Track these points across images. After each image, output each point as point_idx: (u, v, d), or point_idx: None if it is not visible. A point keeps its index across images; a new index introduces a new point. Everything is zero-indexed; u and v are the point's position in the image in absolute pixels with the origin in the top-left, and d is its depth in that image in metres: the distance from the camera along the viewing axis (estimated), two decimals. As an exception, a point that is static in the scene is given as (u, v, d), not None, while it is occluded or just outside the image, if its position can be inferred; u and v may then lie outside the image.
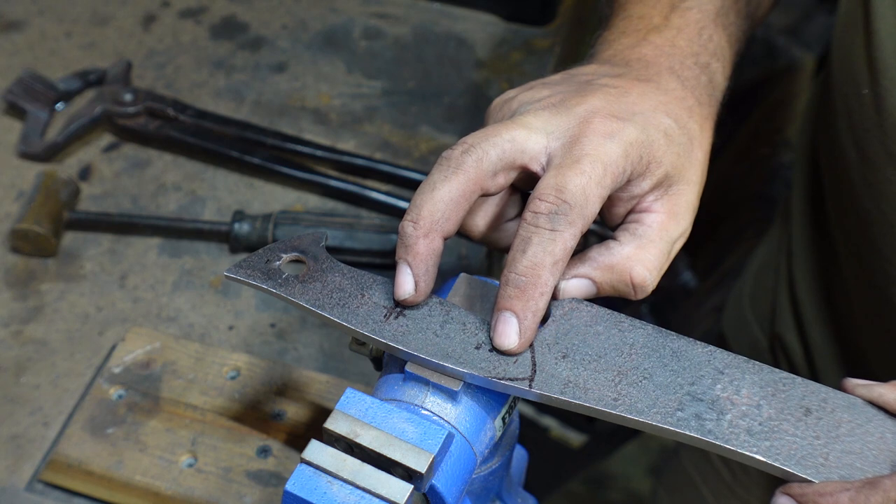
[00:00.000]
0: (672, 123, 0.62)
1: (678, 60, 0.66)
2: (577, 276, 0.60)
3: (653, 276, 0.60)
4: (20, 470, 0.80)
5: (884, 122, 0.72)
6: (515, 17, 1.20)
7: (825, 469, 0.51)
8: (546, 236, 0.55)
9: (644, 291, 0.61)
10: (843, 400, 0.54)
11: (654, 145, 0.60)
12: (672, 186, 0.61)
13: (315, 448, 0.54)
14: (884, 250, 0.76)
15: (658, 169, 0.60)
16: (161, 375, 0.83)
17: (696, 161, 0.63)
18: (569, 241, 0.56)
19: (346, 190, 1.00)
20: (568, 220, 0.55)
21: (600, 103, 0.60)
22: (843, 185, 0.81)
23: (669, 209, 0.61)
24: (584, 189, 0.56)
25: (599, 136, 0.58)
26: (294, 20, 1.20)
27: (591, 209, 0.56)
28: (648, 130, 0.60)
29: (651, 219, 0.61)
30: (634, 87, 0.63)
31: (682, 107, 0.63)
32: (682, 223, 0.62)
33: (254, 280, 0.61)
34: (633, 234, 0.61)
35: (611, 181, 0.57)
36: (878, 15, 0.71)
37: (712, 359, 0.56)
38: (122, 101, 1.04)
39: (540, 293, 0.55)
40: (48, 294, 0.92)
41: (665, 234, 0.61)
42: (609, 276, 0.60)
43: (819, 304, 0.93)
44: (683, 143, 0.62)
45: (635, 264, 0.60)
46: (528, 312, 0.55)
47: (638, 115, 0.60)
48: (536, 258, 0.55)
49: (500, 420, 0.59)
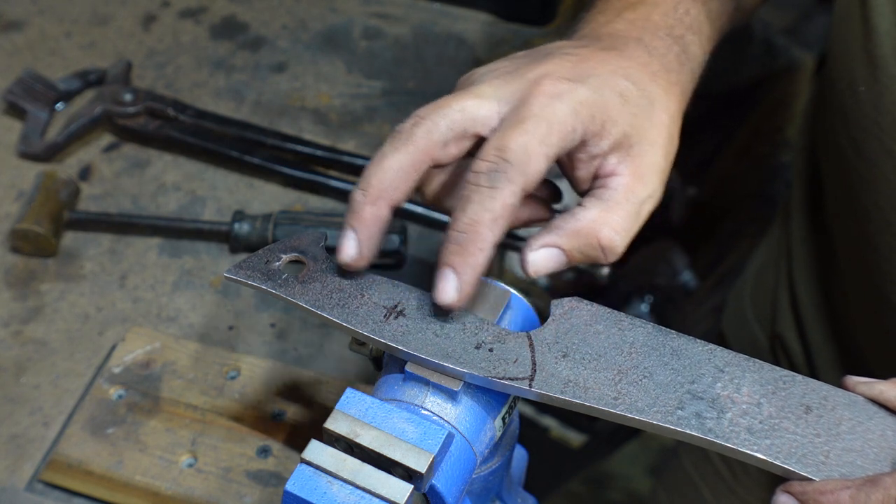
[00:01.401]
0: (629, 85, 0.62)
1: (650, 32, 0.67)
2: (545, 245, 0.60)
3: (621, 237, 0.60)
4: (20, 470, 0.80)
5: (882, 119, 0.71)
6: (515, 17, 1.20)
7: (826, 467, 0.51)
8: (485, 194, 0.56)
9: (614, 254, 0.61)
10: (843, 398, 0.54)
11: (608, 105, 0.60)
12: (633, 147, 0.61)
13: (315, 448, 0.54)
14: (882, 249, 0.76)
15: (614, 128, 0.60)
16: (161, 375, 0.83)
17: (660, 123, 0.63)
18: (508, 198, 0.56)
19: (346, 190, 1.00)
20: (507, 178, 0.56)
21: (553, 68, 0.61)
22: (841, 183, 0.81)
23: (634, 171, 0.61)
24: (526, 147, 0.57)
25: (546, 97, 0.59)
26: (294, 20, 1.20)
27: (534, 167, 0.57)
28: (601, 91, 0.60)
29: (616, 181, 0.61)
30: (595, 55, 0.63)
31: (645, 71, 0.64)
32: (648, 185, 0.62)
33: (253, 280, 0.61)
34: (598, 198, 0.61)
35: (557, 139, 0.58)
36: (877, 11, 0.71)
37: (712, 357, 0.56)
38: (122, 101, 1.04)
39: (479, 248, 0.56)
40: (48, 294, 0.92)
41: (631, 195, 0.61)
42: (577, 241, 0.60)
43: (819, 303, 0.93)
44: (643, 105, 0.62)
45: (602, 227, 0.60)
46: (467, 268, 0.56)
47: (592, 77, 0.61)
48: (476, 215, 0.56)
49: (500, 420, 0.59)
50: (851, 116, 0.75)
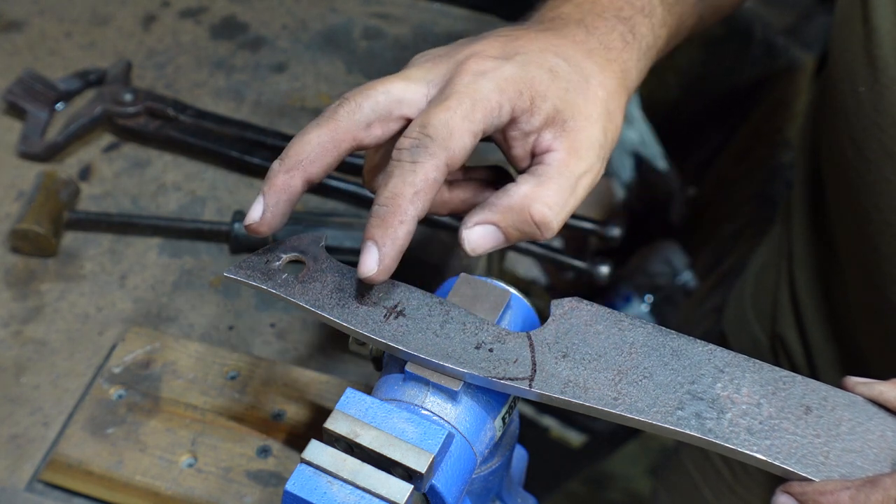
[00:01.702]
0: (559, 62, 0.62)
1: (595, 14, 0.67)
2: (479, 222, 0.61)
3: (554, 212, 0.60)
4: (20, 470, 0.80)
5: (882, 120, 0.71)
6: (515, 17, 1.20)
7: (825, 467, 0.51)
8: (406, 168, 0.57)
9: (548, 229, 0.61)
10: (843, 398, 0.54)
11: (536, 80, 0.60)
12: (567, 122, 0.61)
13: (315, 448, 0.54)
14: (882, 249, 0.76)
15: (544, 103, 0.60)
16: (161, 375, 0.83)
17: (595, 97, 0.63)
18: (430, 173, 0.57)
19: (346, 190, 1.00)
20: (429, 152, 0.57)
21: (482, 47, 0.62)
22: (842, 184, 0.81)
23: (569, 146, 0.61)
24: (448, 122, 0.57)
25: (470, 75, 0.59)
26: (294, 20, 1.20)
27: (457, 143, 0.57)
28: (528, 67, 0.61)
29: (551, 157, 0.61)
30: (528, 34, 0.64)
31: (579, 49, 0.64)
32: (585, 159, 0.62)
33: (253, 280, 0.61)
34: (532, 174, 0.61)
35: (482, 115, 0.58)
36: (877, 12, 0.71)
37: (712, 357, 0.56)
38: (122, 101, 1.04)
39: (399, 221, 0.57)
40: (48, 294, 0.92)
41: (565, 170, 0.61)
42: (510, 217, 0.60)
43: (819, 304, 0.93)
44: (575, 80, 0.62)
45: (533, 202, 0.60)
46: (388, 240, 0.57)
47: (520, 55, 0.61)
48: (396, 188, 0.57)
49: (500, 420, 0.59)
50: (852, 117, 0.75)
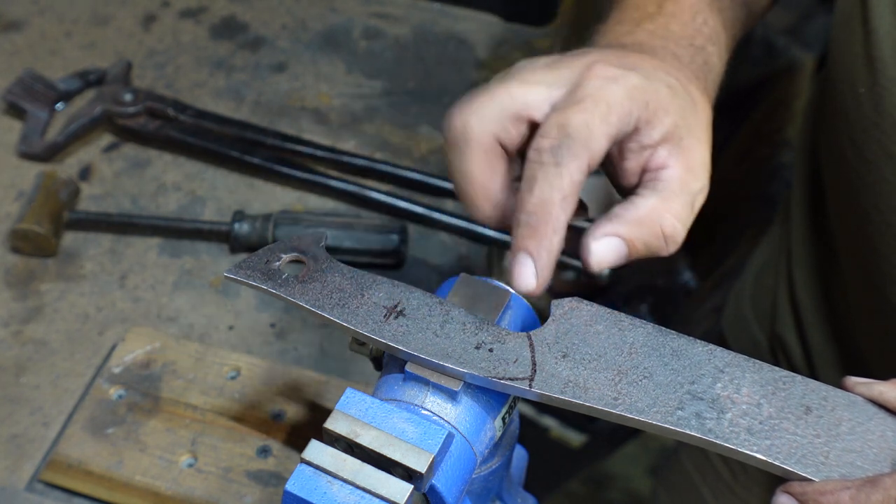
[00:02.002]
0: (673, 80, 0.60)
1: (672, 42, 0.66)
2: (608, 234, 0.58)
3: (682, 226, 0.59)
4: (20, 470, 0.80)
5: (882, 121, 0.71)
6: (515, 17, 1.20)
7: (826, 468, 0.51)
8: (551, 171, 0.54)
9: (675, 244, 0.59)
10: (843, 398, 0.54)
11: (660, 93, 0.58)
12: (683, 140, 0.59)
13: (315, 448, 0.54)
14: (882, 250, 0.76)
15: (666, 117, 0.59)
16: (161, 375, 0.83)
17: (702, 120, 0.61)
18: (575, 175, 0.54)
19: (346, 190, 1.00)
20: (572, 153, 0.54)
21: (599, 56, 0.60)
22: (841, 184, 0.81)
23: (685, 163, 0.59)
24: (588, 123, 0.55)
25: (601, 80, 0.57)
26: (294, 20, 1.20)
27: (597, 144, 0.55)
28: (651, 80, 0.59)
29: (669, 173, 0.59)
30: (630, 54, 0.62)
31: (681, 74, 0.62)
32: (700, 178, 0.60)
33: (253, 280, 0.61)
34: (654, 189, 0.59)
35: (616, 119, 0.56)
36: (877, 13, 0.71)
37: (712, 357, 0.56)
38: (122, 101, 1.04)
39: (552, 230, 0.54)
40: (48, 294, 0.92)
41: (686, 186, 0.59)
42: (639, 230, 0.58)
43: (819, 304, 0.93)
44: (687, 100, 0.61)
45: (664, 214, 0.58)
46: (543, 251, 0.54)
47: (638, 67, 0.59)
48: (544, 195, 0.54)
49: (500, 420, 0.59)
50: (852, 118, 0.75)
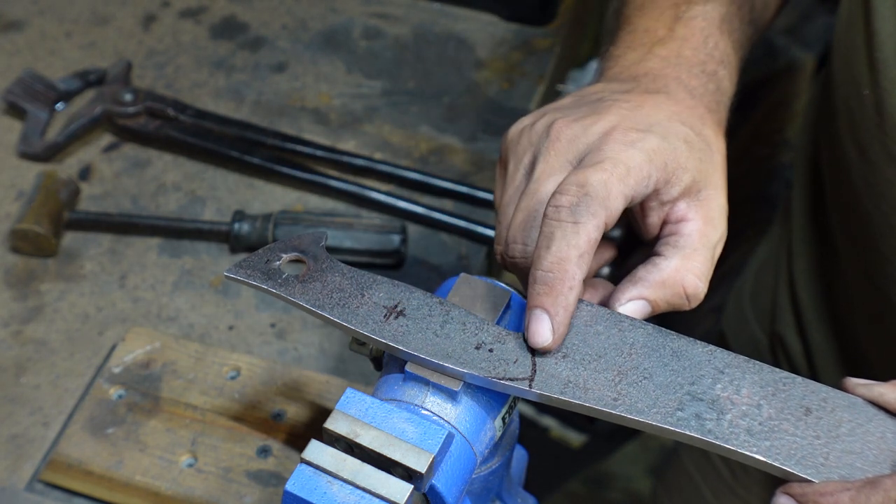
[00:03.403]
0: (689, 131, 0.62)
1: (685, 70, 0.66)
2: (632, 298, 0.60)
3: (703, 283, 0.60)
4: (20, 470, 0.80)
5: (884, 122, 0.71)
6: (515, 17, 1.20)
7: (825, 469, 0.51)
8: (569, 229, 0.55)
9: (697, 300, 0.60)
10: (843, 399, 0.54)
11: (677, 152, 0.60)
12: (701, 192, 0.61)
13: (315, 448, 0.54)
14: (884, 250, 0.76)
15: (684, 175, 0.60)
16: (161, 375, 0.83)
17: (718, 165, 0.63)
18: (592, 233, 0.55)
19: (346, 190, 1.00)
20: (590, 211, 0.55)
21: (616, 119, 0.61)
22: (843, 185, 0.81)
23: (704, 215, 0.61)
24: (606, 183, 0.56)
25: (620, 144, 0.58)
26: (294, 20, 1.20)
27: (614, 203, 0.56)
28: (669, 138, 0.60)
29: (689, 227, 0.61)
30: (646, 100, 0.63)
31: (695, 115, 0.63)
32: (718, 227, 0.62)
33: (254, 280, 0.61)
34: (674, 246, 0.61)
35: (634, 182, 0.57)
36: (879, 15, 0.71)
37: (712, 358, 0.56)
38: (122, 101, 1.04)
39: (569, 287, 0.55)
40: (48, 294, 0.92)
41: (706, 240, 0.61)
42: (662, 292, 0.60)
43: (819, 304, 0.93)
44: (703, 149, 0.62)
45: (685, 275, 0.60)
46: (560, 308, 0.55)
47: (655, 125, 0.60)
48: (561, 252, 0.55)
49: (500, 420, 0.59)
50: (854, 119, 0.75)
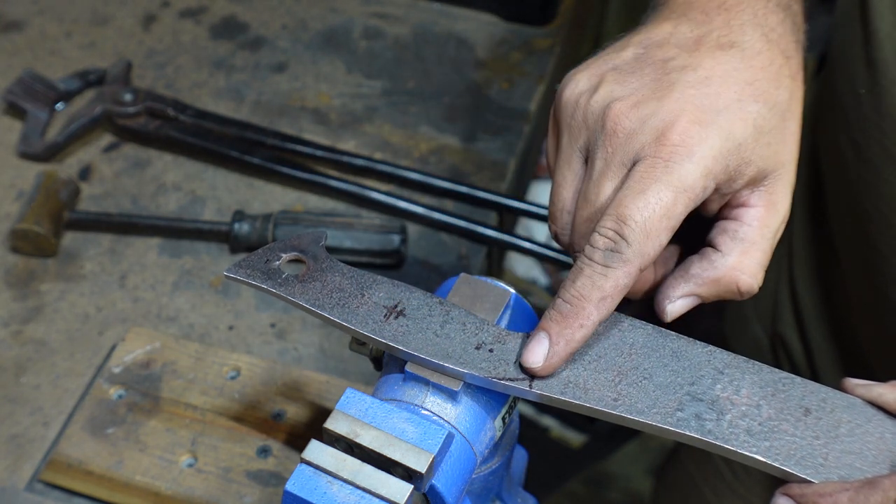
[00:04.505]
0: (760, 109, 0.58)
1: (762, 4, 0.61)
2: (684, 295, 0.59)
3: (757, 279, 0.58)
4: (20, 470, 0.80)
5: (883, 122, 0.71)
6: (515, 17, 1.20)
7: (825, 469, 0.51)
8: (598, 271, 0.54)
9: (751, 294, 0.59)
10: (842, 400, 0.54)
11: (742, 148, 0.57)
12: (768, 177, 0.58)
13: (315, 448, 0.54)
14: (883, 250, 0.76)
15: (748, 169, 0.57)
16: (161, 375, 0.83)
17: (791, 136, 0.59)
18: (621, 280, 0.54)
19: (346, 190, 1.00)
20: (623, 259, 0.54)
21: (678, 105, 0.56)
22: (841, 184, 0.81)
23: (767, 200, 0.58)
24: (646, 224, 0.54)
25: (674, 156, 0.55)
26: (294, 20, 1.20)
27: (654, 245, 0.54)
28: (734, 131, 0.56)
29: (750, 215, 0.58)
30: (716, 63, 0.58)
31: (770, 76, 0.59)
32: (781, 209, 0.59)
33: (253, 280, 0.61)
34: (733, 238, 0.59)
35: (683, 207, 0.55)
36: (877, 14, 0.71)
37: (712, 359, 0.56)
38: (122, 101, 1.04)
39: (579, 325, 0.54)
40: (48, 294, 0.92)
41: (766, 229, 0.59)
42: (715, 289, 0.58)
43: (819, 303, 0.93)
44: (775, 127, 0.58)
45: (740, 274, 0.58)
46: (562, 339, 0.55)
47: (722, 113, 0.57)
48: (584, 290, 0.54)
49: (500, 420, 0.59)
50: (852, 119, 0.75)
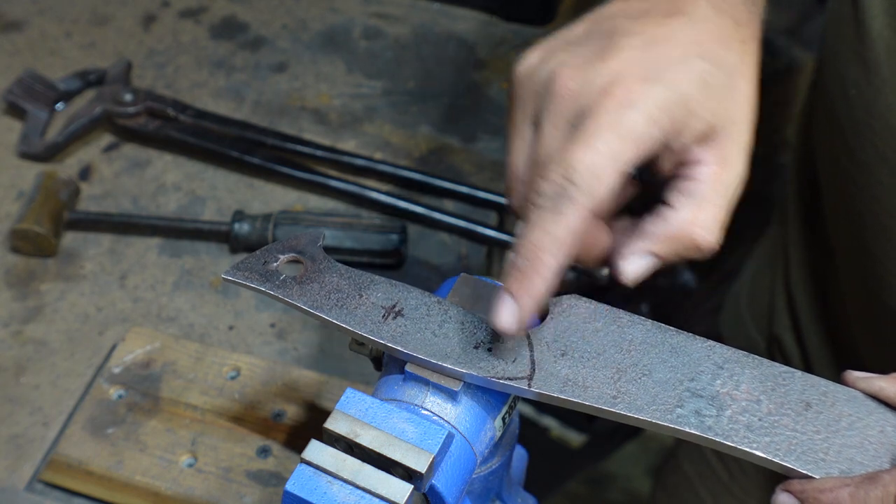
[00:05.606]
0: (707, 67, 0.57)
1: None
2: (636, 253, 0.58)
3: (715, 233, 0.57)
4: (20, 470, 0.80)
5: (874, 122, 0.71)
6: (515, 16, 1.20)
7: (825, 464, 0.51)
8: (549, 218, 0.54)
9: (711, 249, 0.58)
10: (843, 393, 0.54)
11: (689, 100, 0.56)
12: (718, 133, 0.58)
13: (315, 448, 0.54)
14: (876, 252, 0.76)
15: (697, 123, 0.57)
16: (161, 375, 0.83)
17: (741, 95, 0.59)
18: (573, 223, 0.54)
19: (346, 190, 1.00)
20: (572, 200, 0.53)
21: (622, 64, 0.57)
22: (836, 186, 0.81)
23: (720, 156, 0.58)
24: (594, 166, 0.54)
25: (616, 106, 0.55)
26: (294, 20, 1.20)
27: (603, 187, 0.54)
28: (680, 85, 0.56)
29: (703, 172, 0.58)
30: (662, 30, 0.58)
31: (717, 38, 0.59)
32: (735, 166, 0.58)
33: (251, 282, 0.60)
34: (686, 193, 0.58)
35: (631, 154, 0.55)
36: (870, 15, 0.71)
37: (711, 354, 0.56)
38: (122, 101, 1.04)
39: (539, 276, 0.54)
40: (48, 294, 0.92)
41: (720, 185, 0.58)
42: (671, 246, 0.57)
43: (815, 306, 0.93)
44: (723, 84, 0.58)
45: (695, 228, 0.57)
46: (525, 296, 0.54)
47: (667, 68, 0.57)
48: (538, 241, 0.54)
49: (500, 420, 0.59)
50: (844, 120, 0.75)
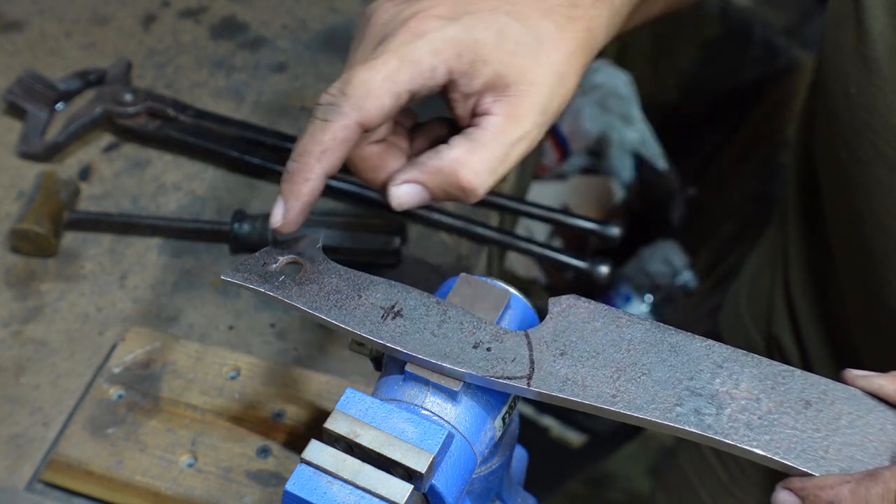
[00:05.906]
0: (511, 21, 0.61)
1: None
2: (407, 180, 0.61)
3: (481, 179, 0.60)
4: (20, 470, 0.80)
5: (874, 121, 0.71)
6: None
7: (825, 462, 0.51)
8: (318, 126, 0.58)
9: (475, 195, 0.61)
10: (842, 391, 0.54)
11: (480, 44, 0.59)
12: (510, 87, 0.60)
13: (315, 448, 0.54)
14: (876, 252, 0.76)
15: (485, 67, 0.60)
16: (161, 375, 0.83)
17: (547, 62, 0.61)
18: (338, 132, 0.58)
19: (346, 190, 1.00)
20: (340, 112, 0.57)
21: (431, 4, 0.61)
22: (835, 185, 0.81)
23: (508, 111, 0.61)
24: (367, 82, 0.57)
25: (406, 35, 0.59)
26: (294, 20, 1.20)
27: (374, 102, 0.58)
28: (474, 29, 0.60)
29: (488, 121, 0.61)
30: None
31: (538, 7, 0.62)
32: (522, 125, 0.61)
33: (250, 283, 0.61)
34: (466, 137, 0.61)
35: (408, 77, 0.58)
36: (870, 13, 0.71)
37: (711, 353, 0.56)
38: (122, 101, 1.04)
39: (304, 178, 0.58)
40: (48, 294, 0.92)
41: (500, 136, 0.61)
42: (437, 179, 0.61)
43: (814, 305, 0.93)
44: (526, 43, 0.61)
45: (462, 167, 0.60)
46: (292, 196, 0.58)
47: (467, 15, 0.60)
48: (306, 146, 0.58)
49: (500, 420, 0.59)
50: (844, 119, 0.75)
